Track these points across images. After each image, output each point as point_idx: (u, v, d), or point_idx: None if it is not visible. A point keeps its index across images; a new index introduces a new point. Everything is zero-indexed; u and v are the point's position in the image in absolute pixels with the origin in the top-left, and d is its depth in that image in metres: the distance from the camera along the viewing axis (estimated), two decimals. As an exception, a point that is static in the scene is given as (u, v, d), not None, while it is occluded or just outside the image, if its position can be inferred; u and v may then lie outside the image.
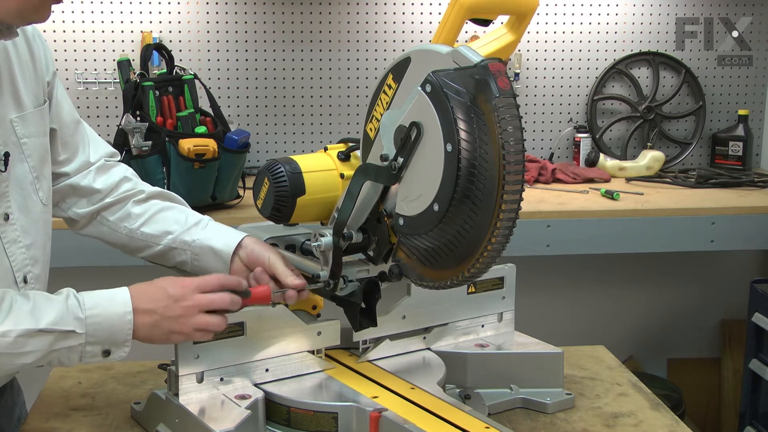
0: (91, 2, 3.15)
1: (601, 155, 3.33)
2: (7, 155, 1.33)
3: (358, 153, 1.41)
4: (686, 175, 3.31)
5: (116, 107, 3.14)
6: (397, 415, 1.29)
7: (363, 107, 1.38)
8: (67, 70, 3.16)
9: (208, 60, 3.25)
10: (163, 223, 1.53)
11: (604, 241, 2.76)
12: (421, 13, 3.33)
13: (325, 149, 1.47)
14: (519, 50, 3.37)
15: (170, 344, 1.32)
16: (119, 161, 1.61)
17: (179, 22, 3.21)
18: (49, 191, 1.45)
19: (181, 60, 3.16)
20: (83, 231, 1.56)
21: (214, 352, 1.36)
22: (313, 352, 1.47)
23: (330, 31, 3.30)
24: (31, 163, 1.38)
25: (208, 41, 3.24)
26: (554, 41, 3.42)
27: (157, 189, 1.58)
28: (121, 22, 3.18)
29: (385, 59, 3.33)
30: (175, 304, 1.28)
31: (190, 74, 2.83)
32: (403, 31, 3.33)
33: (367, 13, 3.31)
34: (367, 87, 3.35)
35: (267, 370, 1.42)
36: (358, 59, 3.33)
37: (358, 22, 3.31)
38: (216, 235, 1.50)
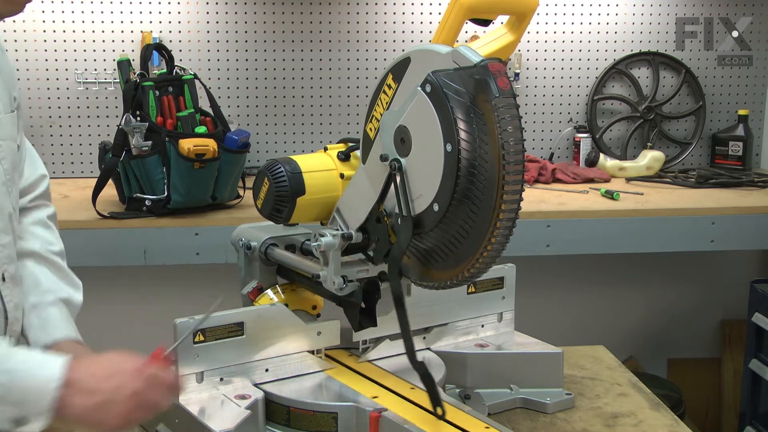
0: (91, 2, 3.15)
1: (601, 155, 3.33)
2: None
3: (358, 153, 1.41)
4: (686, 175, 3.31)
5: (116, 107, 3.14)
6: (397, 415, 1.30)
7: (363, 107, 1.38)
8: (67, 70, 3.16)
9: (208, 60, 3.25)
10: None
11: (604, 241, 2.76)
12: (421, 13, 3.32)
13: (325, 149, 1.48)
14: (519, 50, 3.37)
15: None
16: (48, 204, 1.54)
17: (179, 22, 3.21)
18: (17, 200, 1.41)
19: (181, 60, 3.16)
20: None
21: (214, 352, 1.36)
22: (313, 352, 1.47)
23: (330, 31, 3.30)
24: (5, 165, 1.35)
25: (208, 41, 3.24)
26: (554, 41, 3.42)
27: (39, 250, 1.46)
28: (121, 22, 3.18)
29: (385, 59, 3.33)
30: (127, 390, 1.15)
31: (190, 74, 2.82)
32: (403, 31, 3.33)
33: (367, 13, 3.31)
34: (367, 87, 3.35)
35: (267, 370, 1.42)
36: (358, 59, 3.33)
37: (358, 22, 3.31)
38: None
